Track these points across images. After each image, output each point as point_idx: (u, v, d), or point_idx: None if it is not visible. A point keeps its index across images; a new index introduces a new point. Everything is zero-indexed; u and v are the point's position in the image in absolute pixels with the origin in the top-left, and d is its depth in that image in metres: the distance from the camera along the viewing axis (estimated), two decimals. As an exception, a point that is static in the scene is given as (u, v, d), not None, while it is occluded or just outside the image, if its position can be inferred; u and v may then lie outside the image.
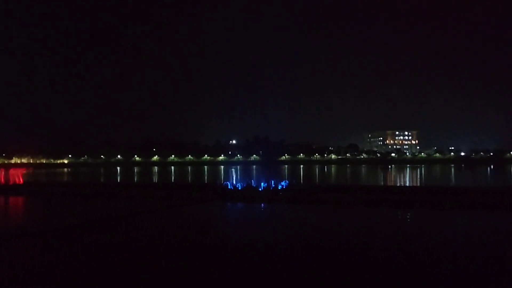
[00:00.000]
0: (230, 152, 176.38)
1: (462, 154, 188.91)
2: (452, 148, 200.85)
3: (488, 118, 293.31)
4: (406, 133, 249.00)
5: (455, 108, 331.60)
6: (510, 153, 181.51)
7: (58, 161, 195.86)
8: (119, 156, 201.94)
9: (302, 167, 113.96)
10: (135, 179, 68.19)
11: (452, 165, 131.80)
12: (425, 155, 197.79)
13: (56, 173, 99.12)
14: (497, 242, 14.70)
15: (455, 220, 19.85)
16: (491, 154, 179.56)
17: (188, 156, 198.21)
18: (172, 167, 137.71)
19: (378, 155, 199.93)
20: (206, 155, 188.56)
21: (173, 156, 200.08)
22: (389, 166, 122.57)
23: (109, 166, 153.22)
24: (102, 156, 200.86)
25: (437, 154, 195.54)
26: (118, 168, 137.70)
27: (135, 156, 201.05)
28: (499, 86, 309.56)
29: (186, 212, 23.64)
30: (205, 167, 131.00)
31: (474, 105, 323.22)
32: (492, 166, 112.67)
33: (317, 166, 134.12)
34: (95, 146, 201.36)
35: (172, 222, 20.01)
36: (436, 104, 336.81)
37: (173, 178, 71.25)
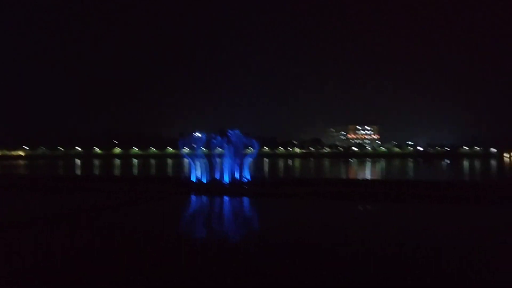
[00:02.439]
0: (195, 145, 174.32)
1: (420, 148, 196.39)
2: (411, 143, 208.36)
3: (445, 115, 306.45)
4: (368, 128, 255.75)
5: (415, 105, 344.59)
6: (464, 147, 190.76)
7: (14, 153, 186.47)
8: (79, 148, 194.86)
9: (266, 161, 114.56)
10: (94, 172, 66.01)
11: (411, 159, 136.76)
12: (385, 150, 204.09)
13: (11, 166, 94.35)
14: (450, 233, 15.21)
15: (415, 212, 20.46)
16: (447, 149, 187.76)
17: (151, 148, 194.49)
18: (134, 160, 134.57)
19: (341, 149, 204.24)
20: (169, 148, 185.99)
21: (135, 148, 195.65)
22: (351, 160, 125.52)
23: (68, 158, 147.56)
24: (60, 148, 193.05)
25: (397, 149, 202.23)
26: (78, 160, 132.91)
27: (96, 148, 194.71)
28: (456, 84, 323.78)
29: (147, 207, 22.99)
30: (169, 160, 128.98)
31: (432, 102, 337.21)
32: (447, 160, 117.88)
33: (281, 159, 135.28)
34: (54, 138, 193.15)
35: (131, 218, 19.28)
36: (396, 100, 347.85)
37: (134, 171, 69.63)
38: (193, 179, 31.54)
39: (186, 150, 36.22)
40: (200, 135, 35.98)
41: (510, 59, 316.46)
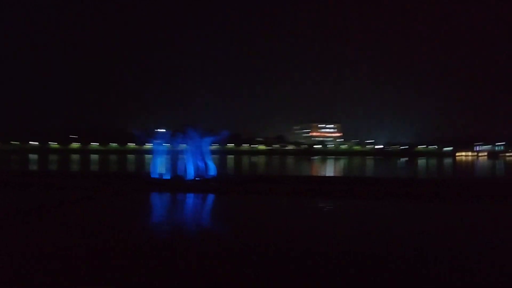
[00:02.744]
0: (157, 141, 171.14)
1: (379, 146, 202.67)
2: (371, 140, 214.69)
3: (403, 115, 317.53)
4: (330, 126, 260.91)
5: (375, 104, 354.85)
6: (420, 146, 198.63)
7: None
8: (34, 143, 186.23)
9: (231, 157, 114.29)
10: (49, 167, 63.23)
11: (370, 156, 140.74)
12: (346, 147, 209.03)
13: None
14: (401, 228, 15.66)
15: (375, 208, 20.93)
16: (404, 147, 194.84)
17: (111, 144, 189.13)
18: (93, 155, 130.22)
19: (304, 146, 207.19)
20: (131, 143, 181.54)
21: (94, 143, 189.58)
22: (314, 157, 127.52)
23: (22, 153, 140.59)
24: (15, 142, 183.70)
25: (357, 147, 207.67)
26: (33, 155, 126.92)
27: (52, 142, 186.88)
28: (414, 85, 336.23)
29: (100, 204, 22.10)
30: (130, 155, 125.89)
31: (391, 102, 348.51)
32: (405, 158, 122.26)
33: (245, 156, 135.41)
34: (8, 131, 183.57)
35: (78, 216, 18.35)
36: (358, 99, 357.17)
37: (93, 167, 67.33)
38: (155, 175, 30.80)
39: (148, 145, 35.37)
40: (163, 130, 35.22)
41: (464, 62, 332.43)
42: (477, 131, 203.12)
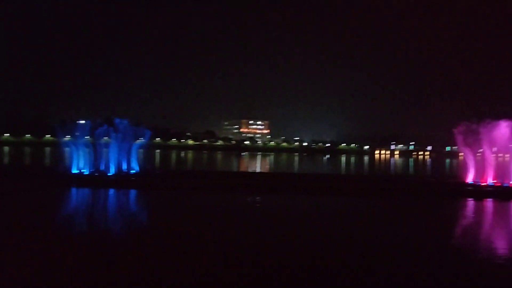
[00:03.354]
0: (78, 133, 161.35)
1: (305, 144, 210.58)
2: (297, 138, 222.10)
3: (327, 114, 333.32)
4: (259, 122, 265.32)
5: (302, 103, 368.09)
6: (342, 144, 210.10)
7: None
8: None
9: (158, 152, 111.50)
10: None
11: (296, 153, 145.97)
12: (274, 144, 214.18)
13: None
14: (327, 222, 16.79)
15: (299, 203, 22.01)
16: (328, 145, 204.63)
17: (25, 135, 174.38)
18: (5, 148, 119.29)
19: (233, 142, 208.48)
20: (49, 135, 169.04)
21: (7, 135, 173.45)
22: (243, 154, 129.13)
23: None
24: None
25: (285, 144, 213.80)
26: None
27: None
28: (336, 87, 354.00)
29: (17, 201, 20.63)
30: (47, 148, 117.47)
31: (316, 102, 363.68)
32: (328, 156, 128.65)
33: (174, 151, 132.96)
34: None
35: None
36: (286, 97, 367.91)
37: (5, 160, 61.81)
38: (74, 170, 29.27)
39: (67, 138, 33.47)
40: (84, 122, 33.56)
41: (384, 66, 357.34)
42: (394, 131, 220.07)
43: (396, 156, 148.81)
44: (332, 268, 10.18)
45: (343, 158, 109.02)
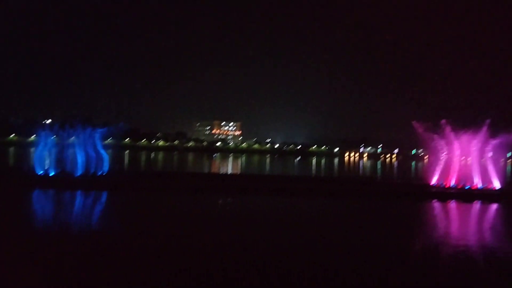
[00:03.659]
0: (44, 133, 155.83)
1: (277, 146, 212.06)
2: (269, 140, 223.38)
3: (298, 116, 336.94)
4: (231, 124, 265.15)
5: (274, 105, 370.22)
6: (313, 147, 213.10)
7: None
8: None
9: (127, 153, 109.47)
10: None
11: (268, 155, 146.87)
12: (246, 146, 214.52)
13: None
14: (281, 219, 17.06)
15: (269, 204, 22.21)
16: (299, 147, 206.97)
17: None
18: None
19: (205, 143, 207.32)
20: (13, 135, 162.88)
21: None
22: (215, 155, 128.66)
23: None
24: None
25: (256, 145, 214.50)
26: None
27: None
28: (307, 90, 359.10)
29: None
30: (11, 149, 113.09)
31: (288, 104, 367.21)
32: (298, 158, 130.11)
33: (144, 152, 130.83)
34: None
35: None
36: (258, 99, 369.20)
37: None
38: (39, 171, 28.33)
39: (33, 138, 32.32)
40: (50, 122, 32.50)
41: (354, 70, 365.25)
42: (363, 134, 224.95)
43: (365, 159, 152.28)
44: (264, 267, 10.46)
45: (314, 160, 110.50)
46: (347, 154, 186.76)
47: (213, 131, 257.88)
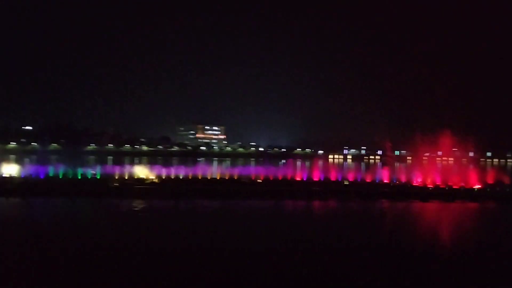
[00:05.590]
0: (22, 140, 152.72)
1: (261, 149, 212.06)
2: (254, 143, 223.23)
3: (282, 120, 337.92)
4: (215, 128, 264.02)
5: (258, 108, 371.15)
6: (298, 149, 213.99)
7: None
8: None
9: (111, 159, 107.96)
10: None
11: (252, 159, 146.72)
12: (230, 149, 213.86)
13: None
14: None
15: (234, 207, 22.15)
16: (284, 150, 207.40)
17: None
18: None
19: (189, 148, 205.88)
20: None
21: None
22: (199, 159, 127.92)
23: None
24: None
25: (241, 149, 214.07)
26: None
27: None
28: (291, 93, 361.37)
29: None
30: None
31: (272, 107, 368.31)
32: (283, 161, 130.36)
33: (127, 157, 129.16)
34: None
35: None
36: (242, 103, 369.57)
37: None
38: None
39: (12, 145, 31.58)
40: (31, 128, 31.86)
41: (338, 73, 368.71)
42: (347, 136, 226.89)
43: (349, 161, 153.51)
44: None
45: (298, 163, 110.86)
46: (331, 156, 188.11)
47: (197, 135, 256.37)
